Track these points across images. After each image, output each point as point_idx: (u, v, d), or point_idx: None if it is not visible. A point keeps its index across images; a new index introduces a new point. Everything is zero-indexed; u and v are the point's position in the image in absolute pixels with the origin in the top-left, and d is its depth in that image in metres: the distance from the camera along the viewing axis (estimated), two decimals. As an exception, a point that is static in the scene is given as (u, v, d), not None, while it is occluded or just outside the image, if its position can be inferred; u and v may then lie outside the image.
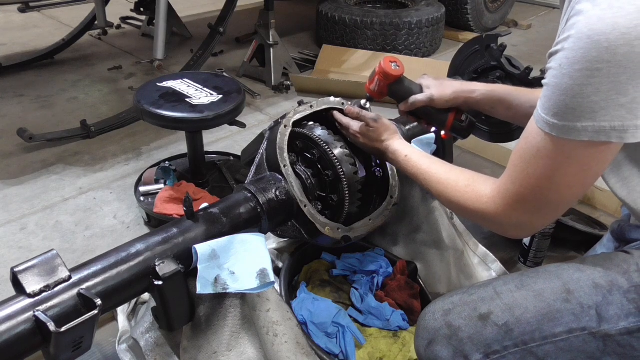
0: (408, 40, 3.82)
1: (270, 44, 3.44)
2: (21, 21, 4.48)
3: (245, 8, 4.67)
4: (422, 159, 1.21)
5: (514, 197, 0.92)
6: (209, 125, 2.12)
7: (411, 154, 1.25)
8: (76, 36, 3.84)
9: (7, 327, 0.91)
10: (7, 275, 0.97)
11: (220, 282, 1.12)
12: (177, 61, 3.76)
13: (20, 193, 2.38)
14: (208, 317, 1.17)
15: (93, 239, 2.12)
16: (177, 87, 2.20)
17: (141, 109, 2.04)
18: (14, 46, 4.05)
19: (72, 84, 3.48)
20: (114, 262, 1.06)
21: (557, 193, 0.88)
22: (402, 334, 1.47)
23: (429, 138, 1.70)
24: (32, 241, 2.10)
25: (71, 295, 0.97)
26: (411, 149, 1.27)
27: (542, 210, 0.92)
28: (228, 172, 2.44)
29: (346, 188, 1.40)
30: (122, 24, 4.54)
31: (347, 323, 1.43)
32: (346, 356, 1.37)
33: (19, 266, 0.96)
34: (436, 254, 1.66)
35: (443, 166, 1.15)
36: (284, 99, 3.40)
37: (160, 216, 2.09)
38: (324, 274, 1.59)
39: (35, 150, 2.70)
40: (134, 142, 2.82)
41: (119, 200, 2.35)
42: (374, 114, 1.38)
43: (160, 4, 3.02)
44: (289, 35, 4.36)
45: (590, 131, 0.79)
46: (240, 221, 1.26)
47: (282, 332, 1.24)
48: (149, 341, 1.22)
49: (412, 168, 1.21)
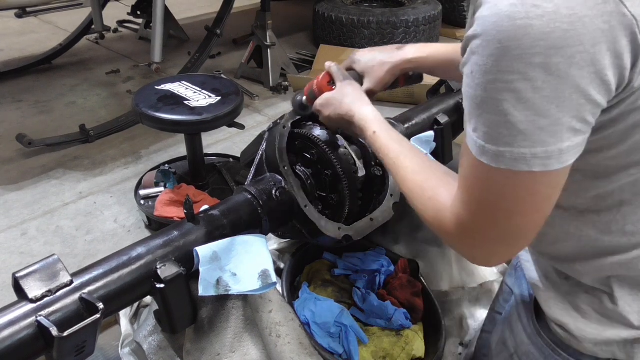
0: (405, 39, 3.83)
1: (268, 45, 3.44)
2: (18, 26, 4.48)
3: (242, 9, 4.67)
4: (391, 143, 1.00)
5: (470, 226, 0.76)
6: (207, 127, 2.13)
7: (380, 132, 1.04)
8: (73, 41, 3.84)
9: (9, 332, 0.91)
10: (9, 281, 0.97)
11: (222, 283, 1.12)
12: (174, 64, 3.76)
13: (20, 199, 2.38)
14: (210, 319, 1.16)
15: (94, 243, 2.12)
16: (175, 89, 2.20)
17: (140, 112, 2.04)
18: (12, 52, 4.05)
19: (71, 88, 3.48)
20: (116, 266, 1.06)
21: (511, 221, 0.71)
22: (405, 332, 1.47)
23: (428, 136, 1.70)
24: (33, 246, 2.10)
25: (73, 300, 0.97)
26: (380, 125, 1.06)
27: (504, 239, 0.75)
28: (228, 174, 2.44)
29: (346, 187, 1.40)
30: (119, 27, 4.55)
31: (349, 322, 1.43)
32: (349, 356, 1.37)
33: (20, 271, 0.96)
34: (437, 251, 1.66)
35: (412, 160, 0.95)
36: (282, 100, 3.40)
37: (161, 219, 2.09)
38: (326, 273, 1.59)
39: (34, 155, 2.70)
40: (133, 146, 2.82)
41: (119, 204, 2.35)
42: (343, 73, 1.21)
43: (157, 7, 3.02)
44: (286, 36, 4.36)
45: (509, 158, 0.65)
46: (241, 223, 1.26)
47: (285, 333, 1.23)
48: (152, 344, 1.22)
49: (379, 150, 1.03)
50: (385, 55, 1.26)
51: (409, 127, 1.75)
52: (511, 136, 0.64)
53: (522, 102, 0.62)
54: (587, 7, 0.58)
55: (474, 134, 0.69)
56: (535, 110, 0.61)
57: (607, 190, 0.75)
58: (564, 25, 0.58)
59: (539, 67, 0.59)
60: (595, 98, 0.62)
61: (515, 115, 0.62)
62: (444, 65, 1.23)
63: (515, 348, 1.02)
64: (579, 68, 0.59)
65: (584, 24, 0.58)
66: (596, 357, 0.86)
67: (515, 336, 1.02)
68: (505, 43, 0.60)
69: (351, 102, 1.13)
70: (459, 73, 0.77)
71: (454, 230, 0.79)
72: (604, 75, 0.60)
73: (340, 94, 1.16)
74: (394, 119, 1.71)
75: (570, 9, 0.58)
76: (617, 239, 0.79)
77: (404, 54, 1.25)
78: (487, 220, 0.73)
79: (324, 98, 1.20)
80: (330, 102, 1.18)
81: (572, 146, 0.64)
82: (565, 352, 0.89)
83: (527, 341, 0.98)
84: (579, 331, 0.86)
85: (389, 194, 1.53)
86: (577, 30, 0.58)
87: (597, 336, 0.84)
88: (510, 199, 0.69)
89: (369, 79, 1.26)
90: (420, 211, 0.88)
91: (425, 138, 1.69)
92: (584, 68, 0.59)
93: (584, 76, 0.60)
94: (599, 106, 0.63)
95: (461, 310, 1.65)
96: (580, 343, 0.86)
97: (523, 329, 1.00)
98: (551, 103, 0.61)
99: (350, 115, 1.12)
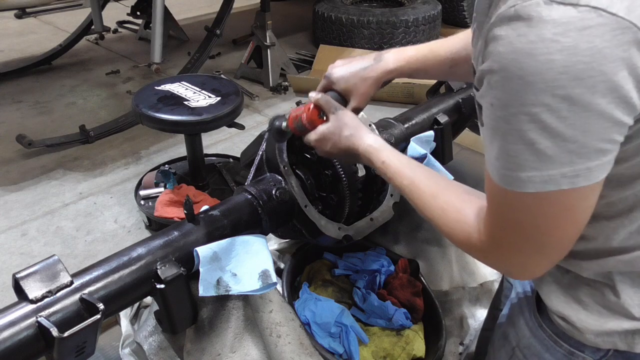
0: (405, 39, 3.83)
1: (267, 45, 3.44)
2: (18, 27, 4.48)
3: (242, 10, 4.67)
4: (403, 170, 1.00)
5: (503, 243, 0.78)
6: (207, 127, 2.13)
7: (388, 160, 1.03)
8: (73, 41, 3.84)
9: (10, 333, 0.91)
10: (9, 282, 0.97)
11: (222, 284, 1.12)
12: (174, 64, 3.76)
13: (20, 199, 2.38)
14: (211, 319, 1.17)
15: (94, 243, 2.12)
16: (175, 90, 2.20)
17: (140, 112, 2.04)
18: (11, 52, 4.05)
19: (70, 89, 3.48)
20: (116, 266, 1.06)
21: (547, 236, 0.73)
22: (405, 332, 1.47)
23: (428, 136, 1.70)
24: (34, 247, 2.10)
25: (73, 301, 0.97)
26: (386, 153, 1.05)
27: (541, 251, 0.76)
28: (228, 174, 2.44)
29: (346, 187, 1.40)
30: (118, 28, 4.55)
31: (350, 322, 1.43)
32: (350, 356, 1.37)
33: (20, 272, 0.96)
34: (438, 251, 1.66)
35: (428, 184, 0.95)
36: (282, 100, 3.40)
37: (161, 219, 2.09)
38: (326, 273, 1.59)
39: (34, 156, 2.70)
40: (133, 146, 2.82)
41: (119, 205, 2.35)
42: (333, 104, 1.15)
43: (157, 7, 3.02)
44: (286, 36, 4.36)
45: (537, 181, 0.66)
46: (241, 223, 1.26)
47: (285, 333, 1.23)
48: (153, 345, 1.22)
49: (392, 180, 1.02)
50: (365, 69, 1.20)
51: (409, 127, 1.74)
52: (538, 161, 0.65)
53: (547, 130, 0.63)
54: (605, 39, 0.59)
55: (497, 163, 0.70)
56: (562, 137, 0.63)
57: (620, 197, 0.76)
58: (585, 58, 0.59)
59: (562, 98, 0.61)
60: (621, 119, 0.63)
61: (542, 142, 0.64)
62: (423, 69, 1.22)
63: (517, 341, 1.02)
64: (602, 96, 0.60)
65: (604, 55, 0.59)
66: (597, 347, 0.87)
67: (517, 330, 1.03)
68: (527, 78, 0.62)
69: (350, 134, 1.09)
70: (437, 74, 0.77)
71: (487, 249, 0.81)
72: (628, 99, 0.62)
73: (337, 127, 1.11)
74: (393, 119, 1.71)
75: (589, 42, 0.59)
76: (623, 242, 0.80)
77: (385, 65, 1.20)
78: (520, 237, 0.75)
79: (319, 133, 1.14)
80: (327, 137, 1.12)
81: (601, 164, 0.65)
82: (566, 343, 0.90)
83: (528, 334, 0.98)
84: (581, 322, 0.87)
85: (389, 194, 1.53)
86: (597, 62, 0.59)
87: (598, 327, 0.85)
88: (542, 217, 0.71)
89: (353, 97, 1.21)
90: (448, 235, 0.89)
91: (425, 138, 1.69)
92: (607, 95, 0.61)
93: (609, 102, 0.61)
94: (626, 125, 0.64)
95: (461, 309, 1.65)
96: (582, 334, 0.87)
97: (525, 323, 1.00)
98: (577, 129, 0.62)
99: (353, 148, 1.09)
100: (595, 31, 0.59)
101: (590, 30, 0.59)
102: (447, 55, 1.18)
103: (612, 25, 0.59)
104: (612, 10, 0.59)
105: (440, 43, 1.21)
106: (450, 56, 1.17)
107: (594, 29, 0.59)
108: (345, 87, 1.21)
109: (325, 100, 1.16)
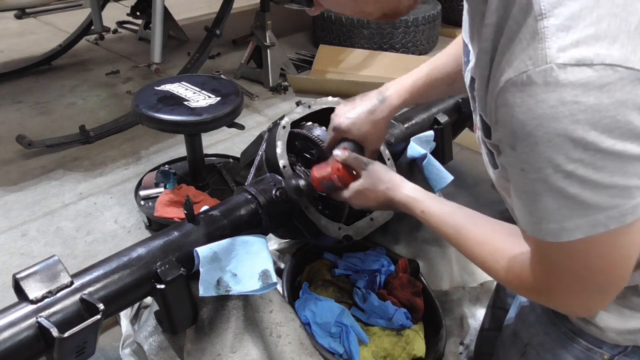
0: (405, 38, 3.83)
1: (267, 45, 3.44)
2: (17, 27, 4.48)
3: (241, 10, 4.67)
4: (445, 218, 1.02)
5: (562, 288, 0.78)
6: (207, 127, 2.13)
7: (428, 210, 1.05)
8: (73, 41, 3.84)
9: (10, 333, 0.91)
10: (9, 282, 0.97)
11: (222, 284, 1.12)
12: (174, 64, 3.76)
13: (20, 199, 2.38)
14: (211, 319, 1.17)
15: (94, 244, 2.12)
16: (175, 90, 2.20)
17: (140, 113, 2.04)
18: (11, 53, 4.05)
19: (70, 89, 3.48)
20: (116, 266, 1.06)
21: (603, 275, 0.74)
22: (406, 332, 1.47)
23: (428, 136, 1.70)
24: (34, 247, 2.10)
25: (73, 301, 0.97)
26: (425, 202, 1.07)
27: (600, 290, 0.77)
28: (228, 174, 2.44)
29: (346, 187, 1.40)
30: (118, 28, 4.55)
31: (350, 322, 1.43)
32: (350, 356, 1.37)
33: (20, 272, 0.96)
34: (438, 251, 1.66)
35: (473, 230, 0.96)
36: (282, 100, 3.40)
37: (161, 220, 2.09)
38: (326, 274, 1.59)
39: (34, 156, 2.70)
40: (133, 147, 2.82)
41: (119, 205, 2.35)
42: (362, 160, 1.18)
43: (157, 8, 3.02)
44: (286, 36, 4.36)
45: (585, 227, 0.67)
46: (241, 223, 1.26)
47: (286, 333, 1.23)
48: (153, 345, 1.22)
49: (435, 229, 1.04)
50: (373, 113, 1.22)
51: (409, 127, 1.75)
52: (583, 209, 0.66)
53: (587, 182, 0.64)
54: (626, 91, 0.60)
55: (537, 220, 0.70)
56: (602, 186, 0.64)
57: None
58: (610, 113, 0.60)
59: (595, 151, 0.62)
60: None
61: (584, 194, 0.65)
62: (425, 96, 1.26)
63: (529, 339, 1.03)
64: (632, 141, 0.62)
65: (628, 106, 0.60)
66: (617, 344, 0.88)
67: (528, 327, 1.03)
68: (555, 140, 0.62)
69: (387, 188, 1.12)
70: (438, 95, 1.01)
71: (547, 294, 0.82)
72: None
73: (371, 183, 1.14)
74: (393, 118, 1.70)
75: (610, 97, 0.60)
76: None
77: (390, 104, 1.23)
78: (577, 282, 0.76)
79: (354, 190, 1.17)
80: (364, 194, 1.16)
81: None
82: (584, 339, 0.91)
83: (542, 331, 0.99)
84: (602, 322, 0.87)
85: (389, 193, 1.53)
86: (622, 114, 0.60)
87: (621, 326, 0.86)
88: (595, 259, 0.71)
89: (369, 142, 1.25)
90: (500, 281, 0.90)
91: (425, 138, 1.69)
92: (638, 139, 0.61)
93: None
94: None
95: (462, 309, 1.65)
96: (603, 332, 0.88)
97: (537, 320, 1.01)
98: (615, 176, 0.63)
99: (392, 201, 1.12)
100: (615, 86, 0.59)
101: (609, 86, 0.59)
102: (443, 78, 1.21)
103: (631, 78, 0.59)
104: (628, 65, 0.59)
105: (434, 65, 1.23)
106: (446, 77, 1.21)
107: (613, 84, 0.59)
108: (359, 135, 1.23)
109: (353, 157, 1.19)
